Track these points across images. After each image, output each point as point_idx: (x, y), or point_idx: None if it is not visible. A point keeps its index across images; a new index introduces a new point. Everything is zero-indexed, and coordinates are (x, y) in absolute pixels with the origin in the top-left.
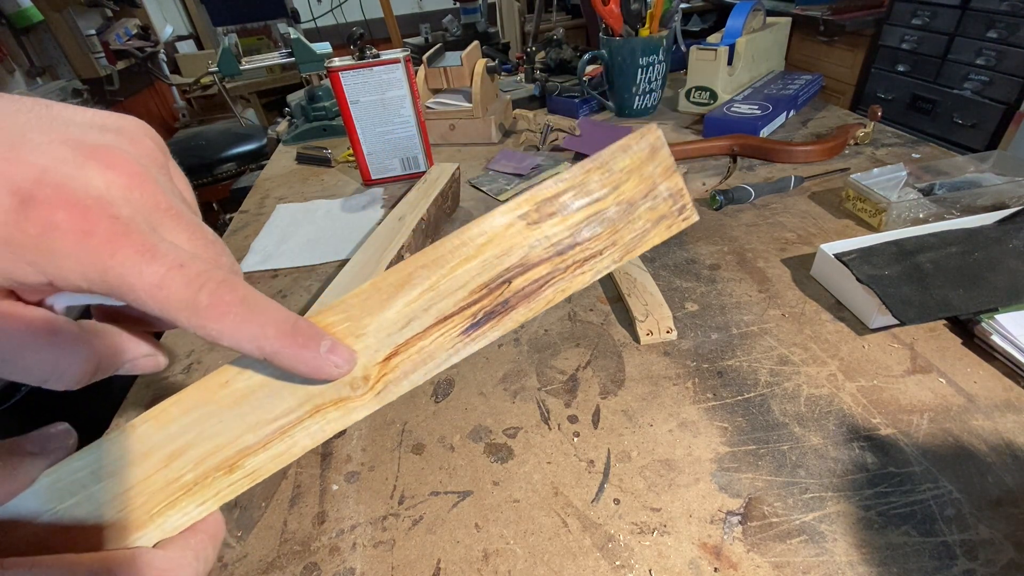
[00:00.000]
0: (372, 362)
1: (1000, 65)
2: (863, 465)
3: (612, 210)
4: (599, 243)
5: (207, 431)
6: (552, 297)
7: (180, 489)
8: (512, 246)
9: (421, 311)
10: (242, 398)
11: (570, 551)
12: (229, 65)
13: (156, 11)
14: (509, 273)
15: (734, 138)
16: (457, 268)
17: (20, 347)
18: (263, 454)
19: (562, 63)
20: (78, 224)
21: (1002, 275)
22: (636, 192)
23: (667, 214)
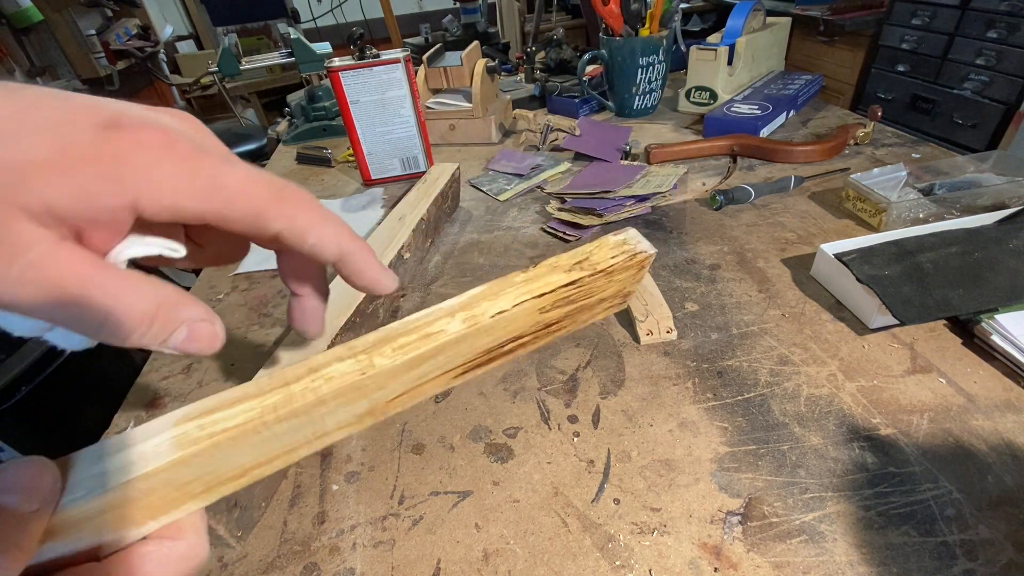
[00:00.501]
0: (382, 401)
1: (1000, 65)
2: (863, 465)
3: (593, 301)
4: (567, 321)
5: (231, 463)
6: (520, 352)
7: (188, 496)
8: (521, 326)
9: (436, 368)
10: (272, 437)
11: (570, 551)
12: (229, 65)
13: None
14: (507, 343)
15: (734, 138)
16: (478, 342)
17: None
18: (267, 467)
19: (562, 63)
20: (163, 140)
21: (1002, 275)
22: (610, 292)
23: (613, 306)
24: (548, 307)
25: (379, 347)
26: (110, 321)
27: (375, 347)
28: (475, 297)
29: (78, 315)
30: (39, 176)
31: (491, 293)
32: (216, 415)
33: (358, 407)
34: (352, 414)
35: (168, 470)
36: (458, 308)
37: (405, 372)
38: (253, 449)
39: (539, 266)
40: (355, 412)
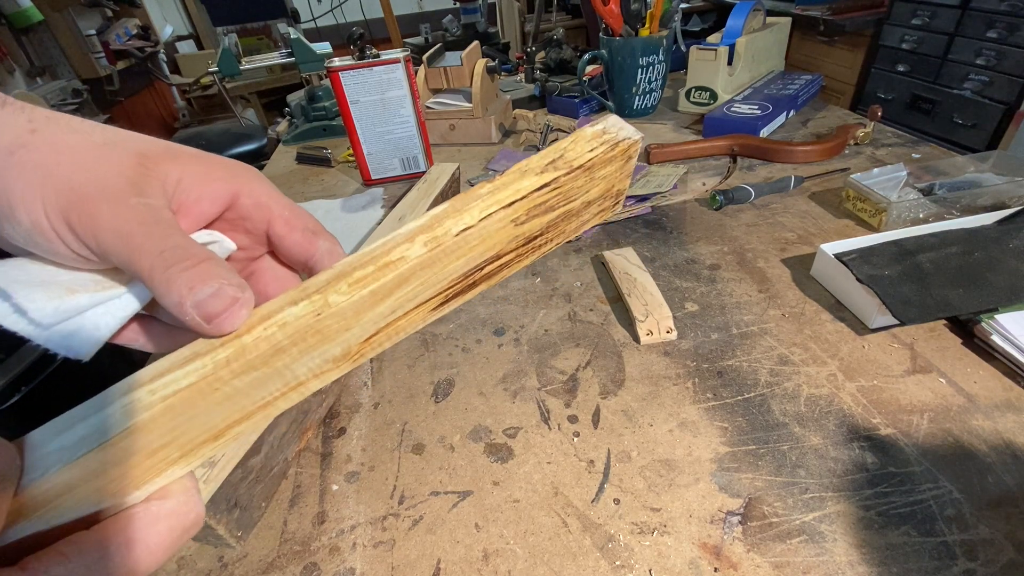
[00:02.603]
0: (355, 343)
1: (1000, 65)
2: (863, 465)
3: (577, 205)
4: (553, 233)
5: (199, 423)
6: (506, 273)
7: (166, 463)
8: (496, 243)
9: (406, 301)
10: (233, 393)
11: (570, 551)
12: (229, 65)
13: (156, 11)
14: (485, 264)
15: (734, 138)
16: (448, 266)
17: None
18: (246, 423)
19: (562, 63)
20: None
21: (1002, 275)
22: (598, 192)
23: (605, 209)
24: (523, 217)
25: (334, 284)
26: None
27: (329, 285)
28: (437, 217)
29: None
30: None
31: (454, 210)
32: (167, 377)
33: (328, 351)
34: (324, 359)
35: (127, 438)
36: (417, 231)
37: (370, 308)
38: (220, 407)
39: (507, 173)
40: (327, 357)
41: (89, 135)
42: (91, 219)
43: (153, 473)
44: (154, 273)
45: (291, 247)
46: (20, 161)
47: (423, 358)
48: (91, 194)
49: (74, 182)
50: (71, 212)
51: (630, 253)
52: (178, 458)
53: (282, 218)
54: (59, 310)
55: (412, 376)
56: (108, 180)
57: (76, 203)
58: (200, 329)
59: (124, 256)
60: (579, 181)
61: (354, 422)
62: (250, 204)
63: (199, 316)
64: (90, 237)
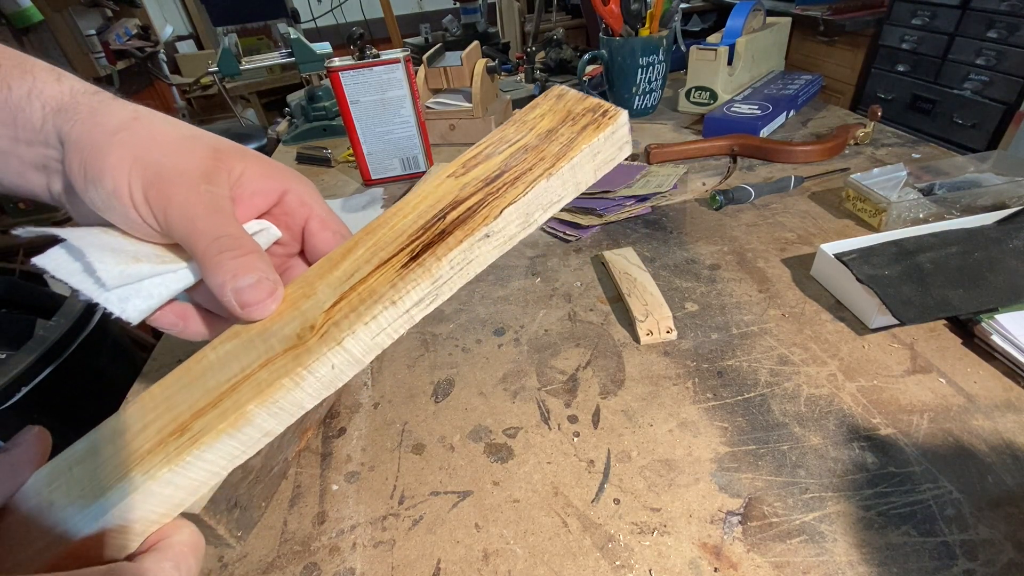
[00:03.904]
0: (319, 311)
1: (1000, 65)
2: (863, 465)
3: (532, 141)
4: (525, 164)
5: (173, 403)
6: (489, 213)
7: (136, 460)
8: (443, 195)
9: (363, 263)
10: (209, 368)
11: (570, 551)
12: (229, 65)
13: (156, 11)
14: (443, 211)
15: (734, 138)
16: (395, 224)
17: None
18: (212, 412)
19: (562, 63)
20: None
21: (1002, 275)
22: (553, 122)
23: (590, 122)
24: (459, 171)
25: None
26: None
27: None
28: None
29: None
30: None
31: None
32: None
33: (290, 325)
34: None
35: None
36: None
37: (329, 270)
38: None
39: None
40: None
41: (177, 128)
42: (166, 197)
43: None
44: (207, 254)
45: (319, 243)
46: (120, 140)
47: (423, 358)
48: (170, 177)
49: (158, 164)
50: (151, 188)
51: (630, 253)
52: (146, 453)
53: (318, 217)
54: (123, 273)
55: (412, 376)
56: (186, 167)
57: (156, 182)
58: (235, 312)
59: (185, 234)
60: (507, 130)
61: (354, 422)
62: (295, 201)
63: (236, 301)
64: (161, 211)
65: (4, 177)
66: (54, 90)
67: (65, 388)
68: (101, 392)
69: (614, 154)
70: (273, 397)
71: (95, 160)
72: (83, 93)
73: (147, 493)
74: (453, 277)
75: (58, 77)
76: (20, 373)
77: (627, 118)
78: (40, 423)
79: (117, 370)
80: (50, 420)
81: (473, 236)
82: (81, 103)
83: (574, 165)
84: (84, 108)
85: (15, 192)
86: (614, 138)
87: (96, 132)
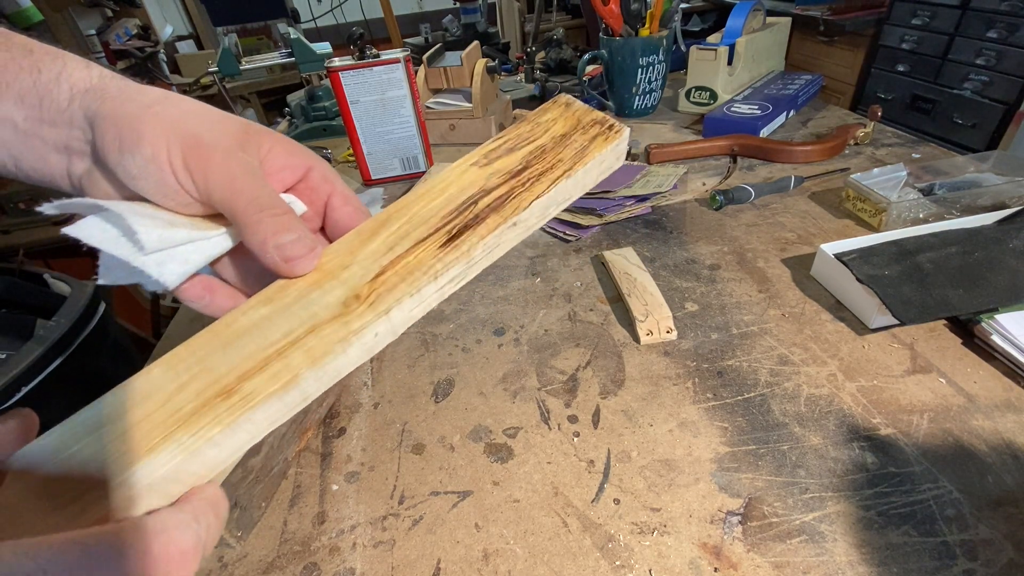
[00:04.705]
0: (362, 282)
1: (1000, 65)
2: (863, 465)
3: (548, 143)
4: (546, 163)
5: (210, 366)
6: (519, 204)
7: (177, 421)
8: (471, 182)
9: (400, 239)
10: (244, 332)
11: (570, 551)
12: (229, 65)
13: (156, 11)
14: (474, 198)
15: (734, 138)
16: (426, 206)
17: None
18: (259, 376)
19: (562, 63)
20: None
21: (1002, 275)
22: (565, 128)
23: (598, 133)
24: (482, 160)
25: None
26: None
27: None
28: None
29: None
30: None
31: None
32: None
33: (335, 289)
34: (334, 299)
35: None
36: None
37: (364, 243)
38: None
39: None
40: (335, 297)
41: (207, 106)
42: (205, 161)
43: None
44: (248, 213)
45: (342, 217)
46: (156, 112)
47: (423, 358)
48: (209, 143)
49: (196, 133)
50: (190, 153)
51: (630, 253)
52: (190, 414)
53: (341, 194)
54: (162, 238)
55: (412, 376)
56: (222, 137)
57: (195, 148)
58: (277, 267)
59: (225, 195)
60: (522, 128)
61: (354, 422)
62: (318, 177)
63: (279, 256)
64: (200, 175)
65: (25, 161)
66: (83, 74)
67: (65, 388)
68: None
69: (613, 163)
70: (323, 363)
71: (132, 130)
72: (111, 77)
73: (194, 454)
74: (482, 259)
75: (87, 64)
76: (20, 373)
77: (628, 133)
78: (40, 423)
79: (117, 370)
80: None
81: (504, 224)
82: (109, 85)
83: (587, 169)
84: (113, 88)
85: (34, 178)
86: (617, 150)
87: (130, 106)
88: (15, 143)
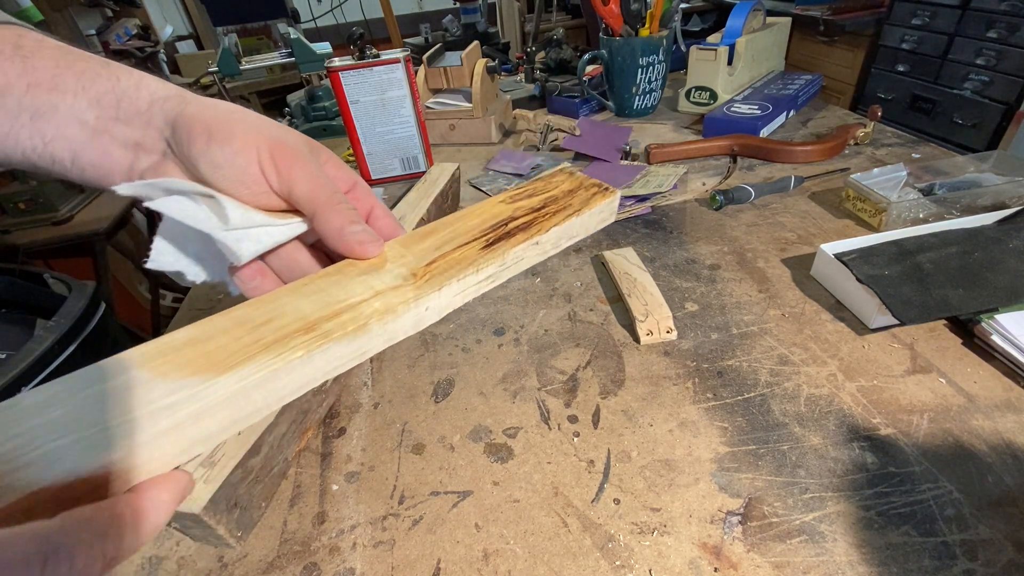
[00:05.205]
0: (419, 265)
1: (1000, 65)
2: (863, 465)
3: (559, 194)
4: (559, 205)
5: (290, 309)
6: (541, 228)
7: (260, 347)
8: (500, 212)
9: (445, 242)
10: (320, 290)
11: (570, 551)
12: (229, 65)
13: (156, 11)
14: (504, 221)
15: (734, 138)
16: (466, 223)
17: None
18: (333, 320)
19: (562, 63)
20: None
21: (1002, 275)
22: (571, 186)
23: (597, 191)
24: (508, 200)
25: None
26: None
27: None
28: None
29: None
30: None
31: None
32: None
33: (396, 270)
34: (394, 276)
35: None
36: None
37: (415, 243)
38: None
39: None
40: (396, 275)
41: (273, 121)
42: (290, 159)
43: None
44: (330, 204)
45: (384, 227)
46: (239, 117)
47: (423, 358)
48: (290, 146)
49: (279, 137)
50: (276, 151)
51: (630, 253)
52: (272, 342)
53: (380, 207)
54: (244, 217)
55: (412, 376)
56: (299, 143)
57: (280, 148)
58: (351, 250)
59: (306, 188)
60: (537, 184)
61: (354, 422)
62: (363, 191)
63: (354, 240)
64: (284, 170)
65: (86, 156)
66: (160, 85)
67: None
68: None
69: (607, 216)
70: (384, 320)
71: (223, 126)
72: (187, 91)
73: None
74: (512, 266)
75: (164, 82)
76: (20, 373)
77: (619, 195)
78: None
79: None
80: None
81: (529, 240)
82: (187, 96)
83: (590, 214)
84: (191, 98)
85: (88, 172)
86: (611, 205)
87: (214, 110)
88: (80, 139)
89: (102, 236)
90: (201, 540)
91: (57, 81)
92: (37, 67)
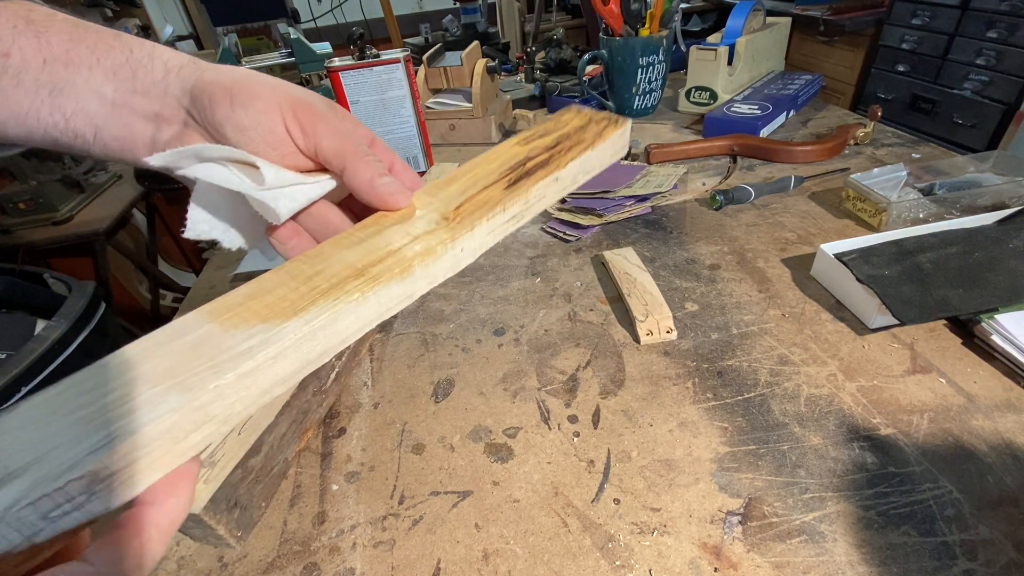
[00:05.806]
0: (448, 209)
1: (1000, 65)
2: (863, 465)
3: (571, 131)
4: (573, 141)
5: (339, 260)
6: (559, 163)
7: (319, 293)
8: (517, 153)
9: (469, 186)
10: (360, 241)
11: (570, 551)
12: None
13: (156, 11)
14: (522, 161)
15: (734, 138)
16: (485, 167)
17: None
18: (380, 265)
19: (562, 63)
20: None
21: (1002, 275)
22: (581, 123)
23: (608, 124)
24: (523, 141)
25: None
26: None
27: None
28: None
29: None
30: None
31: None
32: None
33: (427, 215)
34: (427, 222)
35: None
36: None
37: (441, 189)
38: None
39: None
40: (428, 220)
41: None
42: (314, 117)
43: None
44: (356, 156)
45: (406, 179)
46: (259, 79)
47: (423, 358)
48: (312, 105)
49: (300, 96)
50: (299, 110)
51: (630, 253)
52: (327, 289)
53: (400, 161)
54: (278, 177)
55: (412, 376)
56: (319, 101)
57: (303, 106)
58: (382, 201)
59: (333, 144)
60: (548, 124)
61: (354, 422)
62: (382, 146)
63: (384, 191)
64: (309, 128)
65: (108, 130)
66: (172, 54)
67: None
68: None
69: (619, 148)
70: (426, 262)
71: (245, 89)
72: (200, 58)
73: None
74: (533, 206)
75: (175, 51)
76: (20, 373)
77: (630, 123)
78: None
79: None
80: None
81: (550, 176)
82: (201, 64)
83: (604, 147)
84: (205, 65)
85: (111, 146)
86: (623, 137)
87: (232, 74)
88: (101, 113)
89: (102, 236)
90: (201, 540)
91: (72, 55)
92: (52, 42)
